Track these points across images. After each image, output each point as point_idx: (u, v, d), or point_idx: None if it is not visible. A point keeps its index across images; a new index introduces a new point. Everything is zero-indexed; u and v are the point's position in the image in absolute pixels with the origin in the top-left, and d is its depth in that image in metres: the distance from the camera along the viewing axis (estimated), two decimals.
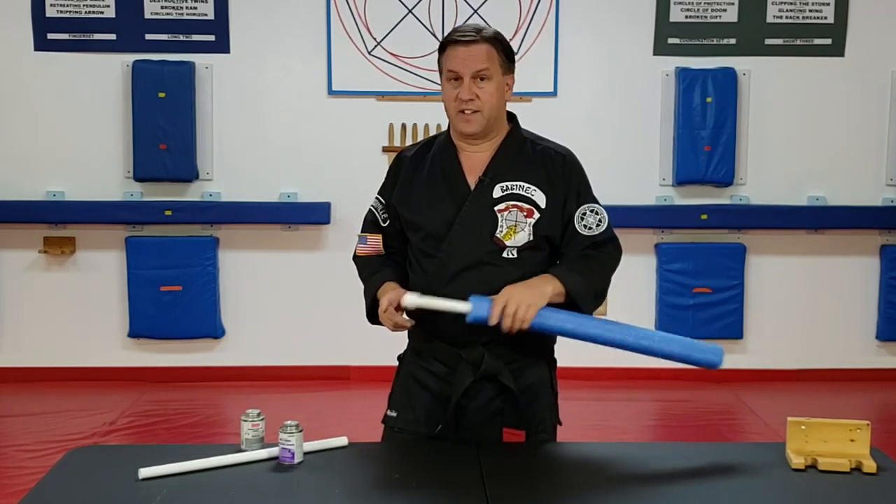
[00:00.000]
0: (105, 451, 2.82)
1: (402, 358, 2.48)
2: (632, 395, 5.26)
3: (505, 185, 2.30)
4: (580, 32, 5.41)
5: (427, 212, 2.33)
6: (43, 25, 5.29)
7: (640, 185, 5.42)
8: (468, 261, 2.27)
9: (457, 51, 2.28)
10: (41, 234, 5.39)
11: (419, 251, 2.36)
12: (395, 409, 2.41)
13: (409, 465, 2.19)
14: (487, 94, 2.27)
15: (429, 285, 2.29)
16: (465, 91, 2.26)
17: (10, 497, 3.56)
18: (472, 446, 2.25)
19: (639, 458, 2.25)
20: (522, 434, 2.32)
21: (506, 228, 2.27)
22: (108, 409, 4.89)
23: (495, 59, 2.29)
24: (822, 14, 5.40)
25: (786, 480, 2.07)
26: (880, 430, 3.77)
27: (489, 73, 2.27)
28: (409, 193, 2.37)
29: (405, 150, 2.48)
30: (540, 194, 2.30)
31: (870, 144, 5.49)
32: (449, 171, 2.35)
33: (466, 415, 2.32)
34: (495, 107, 2.30)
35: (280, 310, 5.50)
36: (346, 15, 5.36)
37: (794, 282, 5.57)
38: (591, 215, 2.33)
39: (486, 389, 2.31)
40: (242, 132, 5.41)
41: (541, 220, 2.29)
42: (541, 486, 2.02)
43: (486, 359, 2.27)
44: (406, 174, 2.40)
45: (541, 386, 2.37)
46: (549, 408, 2.40)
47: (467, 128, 2.30)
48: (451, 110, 2.31)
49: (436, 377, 2.36)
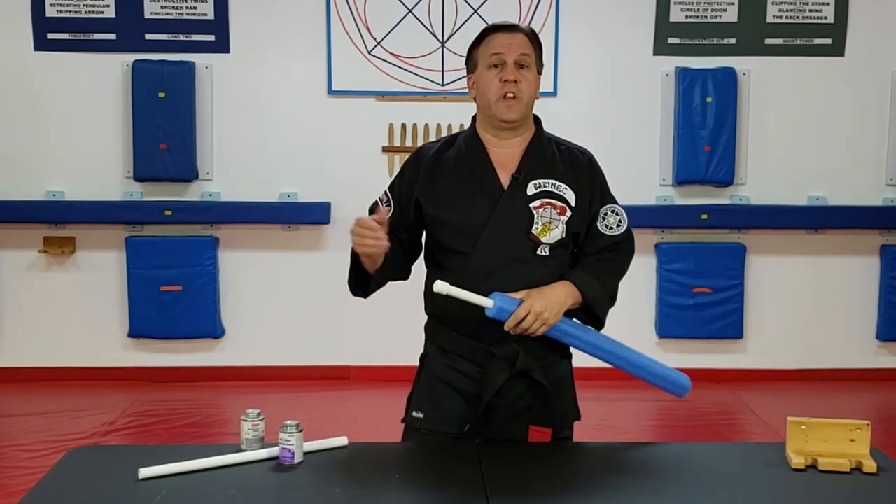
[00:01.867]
0: (105, 451, 2.82)
1: (425, 358, 2.44)
2: (632, 395, 5.24)
3: (538, 182, 2.31)
4: (580, 32, 5.41)
5: (458, 208, 2.30)
6: (43, 25, 5.29)
7: (640, 184, 5.42)
8: (503, 258, 2.27)
9: (500, 37, 2.31)
10: (41, 234, 5.39)
11: (447, 249, 2.33)
12: (421, 410, 2.37)
13: (409, 465, 2.19)
14: (528, 82, 2.30)
15: (461, 283, 2.24)
16: (510, 72, 2.27)
17: (10, 497, 3.56)
18: (490, 444, 2.26)
19: (639, 458, 2.25)
20: (549, 433, 2.32)
21: (541, 226, 2.28)
22: (108, 409, 4.88)
23: (534, 51, 2.33)
24: (822, 14, 5.40)
25: (786, 480, 2.07)
26: (880, 430, 3.76)
27: (529, 61, 2.31)
28: (433, 189, 2.33)
29: (424, 146, 2.44)
30: (570, 192, 2.32)
31: (870, 144, 5.49)
32: (479, 167, 2.33)
33: (495, 413, 2.31)
34: (532, 97, 2.32)
35: (280, 310, 5.50)
36: (346, 15, 5.36)
37: (795, 282, 5.57)
38: (612, 216, 2.38)
39: (517, 387, 2.31)
40: (242, 132, 5.41)
41: (573, 218, 2.31)
42: (541, 485, 2.02)
43: (520, 356, 2.27)
44: (427, 168, 2.35)
45: (565, 381, 2.40)
46: (573, 402, 2.43)
47: (508, 113, 2.29)
48: (494, 95, 2.29)
49: (465, 376, 2.34)
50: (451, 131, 5.31)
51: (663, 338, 5.50)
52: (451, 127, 5.33)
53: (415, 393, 2.43)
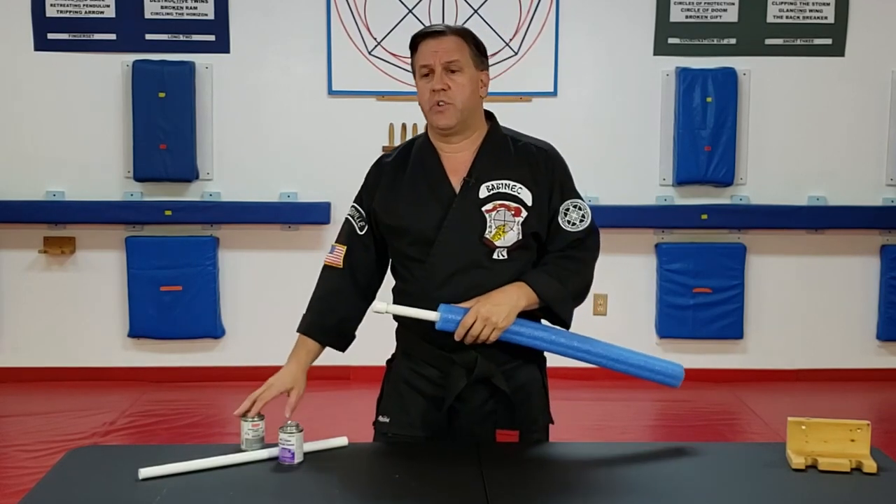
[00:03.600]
0: (105, 451, 2.82)
1: (392, 361, 2.45)
2: (632, 395, 5.25)
3: (490, 184, 2.26)
4: (580, 32, 5.41)
5: (412, 216, 2.27)
6: (43, 25, 5.29)
7: (641, 185, 5.42)
8: (458, 264, 2.23)
9: (427, 44, 2.26)
10: (41, 234, 5.39)
11: (406, 257, 2.30)
12: (388, 415, 2.36)
13: (408, 466, 2.19)
14: (459, 86, 2.23)
15: (420, 290, 2.24)
16: (437, 81, 2.23)
17: (10, 497, 3.56)
18: (471, 447, 2.24)
19: (638, 458, 2.25)
20: (516, 435, 2.30)
21: (494, 229, 2.23)
22: (108, 409, 4.89)
23: (466, 51, 2.26)
24: (822, 14, 5.40)
25: (786, 480, 2.07)
26: (880, 430, 3.77)
27: (460, 64, 2.24)
28: (391, 200, 2.31)
29: (383, 156, 2.41)
30: (526, 192, 2.26)
31: (870, 144, 5.49)
32: (431, 174, 2.29)
33: (460, 417, 2.30)
34: (468, 100, 2.25)
35: (280, 310, 5.47)
36: (346, 15, 5.36)
37: (794, 282, 5.57)
38: (574, 211, 2.30)
39: (480, 392, 2.28)
40: (242, 132, 5.41)
41: (529, 218, 2.25)
42: (541, 486, 2.02)
43: (478, 362, 2.24)
44: (386, 180, 2.33)
45: (532, 386, 2.35)
46: (542, 408, 2.38)
47: (441, 120, 2.25)
48: (426, 106, 2.27)
49: (428, 381, 2.32)
50: None
51: (663, 338, 5.50)
52: None
53: (382, 397, 2.43)
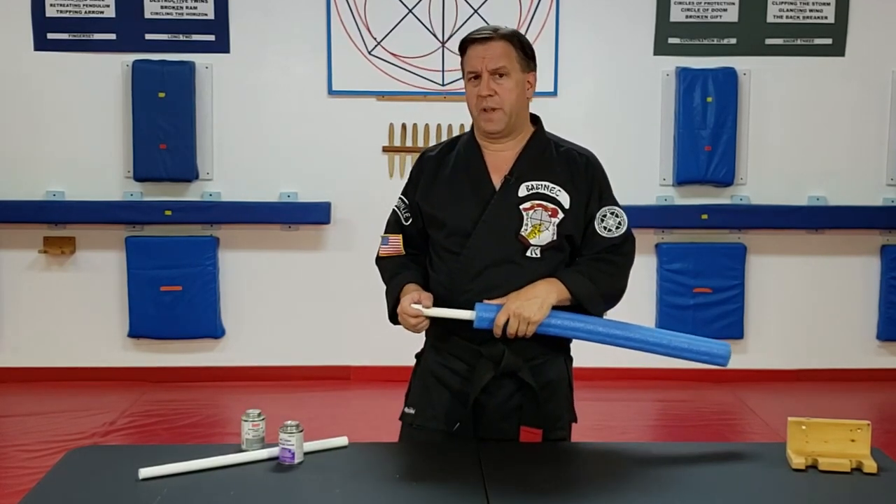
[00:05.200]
0: (105, 451, 2.82)
1: (421, 355, 2.48)
2: (632, 395, 5.26)
3: (530, 184, 2.32)
4: (580, 32, 5.41)
5: (451, 209, 2.34)
6: (43, 25, 5.29)
7: (641, 184, 5.42)
8: (492, 259, 2.29)
9: (475, 49, 2.32)
10: (41, 234, 5.39)
11: (442, 248, 2.36)
12: (414, 407, 2.41)
13: (409, 465, 2.19)
14: (506, 91, 2.29)
15: (452, 282, 2.31)
16: (483, 87, 2.29)
17: (10, 497, 3.56)
18: (489, 443, 2.26)
19: (639, 458, 2.25)
20: (539, 433, 2.32)
21: (530, 227, 2.29)
22: (108, 409, 4.88)
23: (513, 56, 2.31)
24: (822, 14, 5.40)
25: (786, 480, 2.07)
26: (881, 430, 3.76)
27: (507, 69, 2.30)
28: (432, 191, 2.38)
29: (428, 150, 2.49)
30: (564, 195, 2.31)
31: (870, 144, 5.48)
32: (473, 170, 2.36)
33: (485, 412, 2.32)
34: (515, 104, 2.32)
35: (280, 310, 5.50)
36: (346, 15, 5.36)
37: (795, 282, 5.57)
38: (612, 217, 2.36)
39: (506, 386, 2.32)
40: (242, 132, 5.41)
41: (565, 220, 2.31)
42: (541, 485, 2.02)
43: (506, 355, 2.28)
44: (429, 172, 2.41)
45: (559, 382, 2.39)
46: (567, 405, 2.41)
47: (490, 126, 2.32)
48: (474, 109, 2.34)
49: (455, 374, 2.36)
50: (451, 131, 5.33)
51: None
52: (452, 127, 5.34)
53: (410, 389, 2.47)
